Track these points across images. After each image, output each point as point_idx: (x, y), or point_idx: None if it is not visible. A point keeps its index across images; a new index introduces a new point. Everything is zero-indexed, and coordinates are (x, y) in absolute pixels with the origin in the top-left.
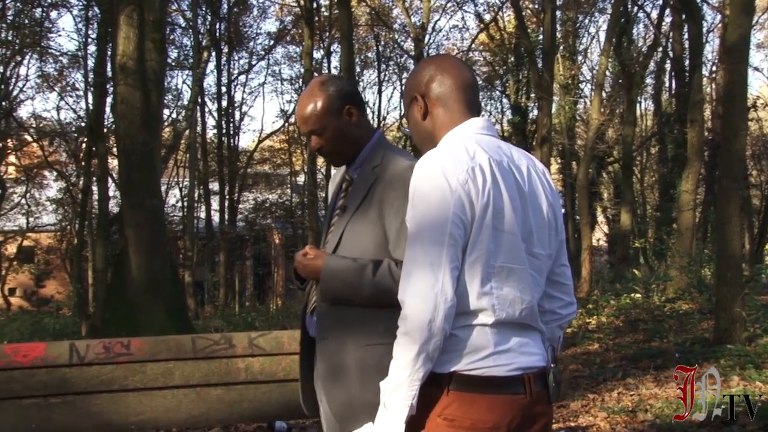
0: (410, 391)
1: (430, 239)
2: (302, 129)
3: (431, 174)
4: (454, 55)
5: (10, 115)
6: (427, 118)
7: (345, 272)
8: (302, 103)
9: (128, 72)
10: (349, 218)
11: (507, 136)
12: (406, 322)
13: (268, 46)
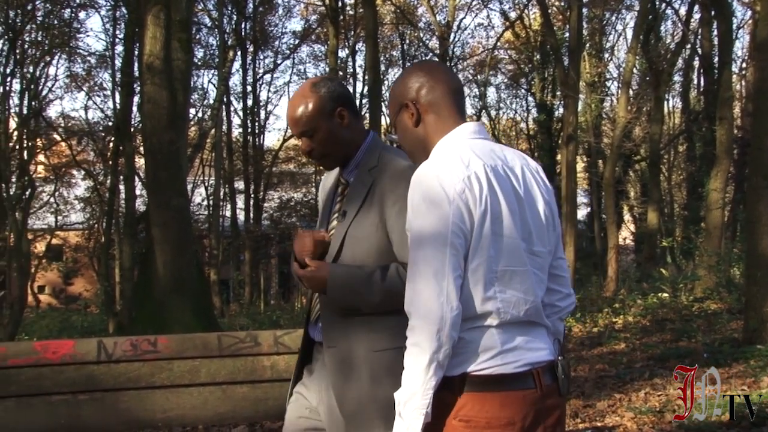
0: (424, 400)
1: (432, 250)
2: (293, 131)
3: (428, 185)
4: (440, 62)
5: (40, 115)
6: (420, 125)
7: (352, 281)
8: (293, 104)
9: (155, 71)
10: (349, 223)
11: (532, 134)
12: (414, 333)
13: (294, 45)
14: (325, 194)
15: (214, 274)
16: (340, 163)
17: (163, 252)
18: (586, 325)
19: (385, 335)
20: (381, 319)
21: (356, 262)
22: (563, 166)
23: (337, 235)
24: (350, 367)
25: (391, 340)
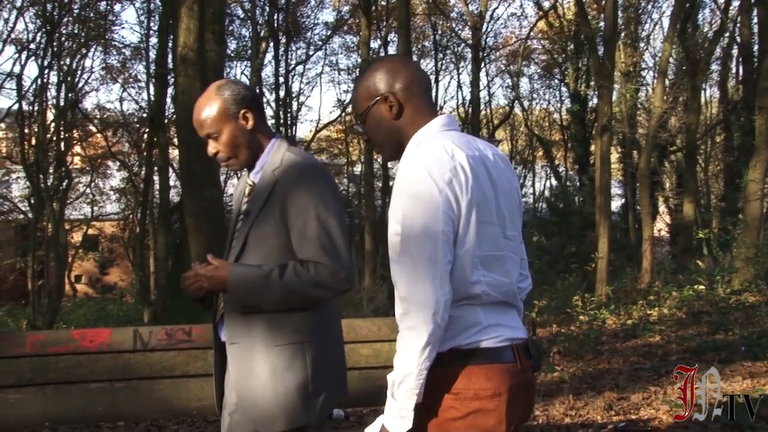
0: (418, 381)
1: (425, 237)
2: (199, 133)
3: (418, 176)
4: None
5: (76, 107)
6: (400, 117)
7: (251, 280)
8: (198, 106)
9: (189, 63)
10: (252, 222)
11: (566, 125)
12: (410, 317)
13: (326, 36)
14: (235, 193)
15: None
16: (247, 165)
17: (196, 242)
18: (620, 317)
19: (284, 331)
20: (280, 315)
21: (259, 260)
22: (597, 157)
23: (240, 234)
24: (251, 362)
25: (290, 336)
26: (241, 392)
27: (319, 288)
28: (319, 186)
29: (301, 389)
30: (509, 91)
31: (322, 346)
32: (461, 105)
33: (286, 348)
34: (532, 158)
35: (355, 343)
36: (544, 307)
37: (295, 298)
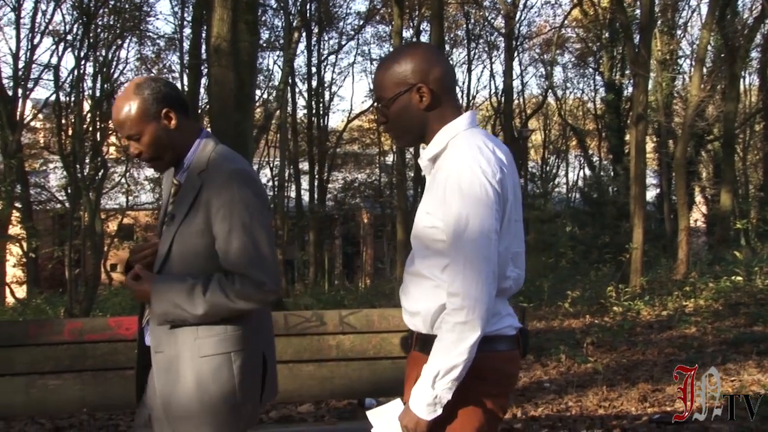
0: (463, 372)
1: (481, 237)
2: (120, 134)
3: (473, 174)
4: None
5: (112, 97)
6: (432, 109)
7: (174, 294)
8: (117, 107)
9: (222, 53)
10: (177, 227)
11: (600, 114)
12: (465, 313)
13: (358, 26)
14: (164, 195)
15: (280, 254)
16: (172, 164)
17: None
18: (655, 308)
19: (210, 341)
20: (206, 326)
21: (184, 266)
22: (632, 147)
23: (166, 238)
24: (177, 371)
25: (216, 347)
26: (166, 402)
27: (245, 300)
28: (244, 193)
29: (228, 399)
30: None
31: (250, 355)
32: (494, 95)
33: (212, 359)
34: (565, 148)
35: (387, 332)
36: (577, 297)
37: (219, 312)
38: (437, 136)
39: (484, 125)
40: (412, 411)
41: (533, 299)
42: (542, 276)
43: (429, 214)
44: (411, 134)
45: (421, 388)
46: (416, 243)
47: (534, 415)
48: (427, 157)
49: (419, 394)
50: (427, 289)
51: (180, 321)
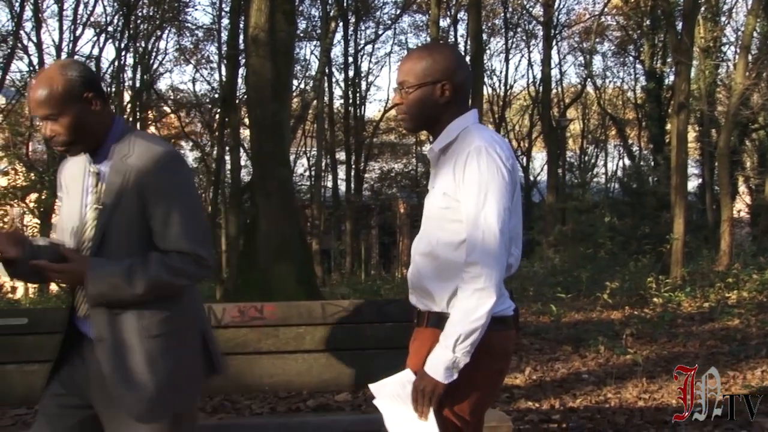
0: (480, 335)
1: (497, 212)
2: (36, 113)
3: (490, 157)
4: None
5: (151, 88)
6: (448, 105)
7: (112, 275)
8: (37, 85)
9: (260, 44)
10: (110, 213)
11: (640, 103)
12: (482, 280)
13: (395, 16)
14: (71, 181)
15: (316, 243)
16: (88, 150)
17: (267, 221)
18: (696, 300)
19: (156, 322)
20: (148, 307)
21: (120, 252)
22: (673, 136)
23: (99, 226)
24: (123, 356)
25: (162, 326)
26: (118, 387)
27: (183, 277)
28: (176, 174)
29: (177, 376)
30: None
31: (193, 332)
32: (531, 84)
33: (159, 339)
34: (604, 137)
35: None
36: (616, 288)
37: (159, 290)
38: (449, 127)
39: (521, 115)
40: (430, 374)
41: (571, 290)
42: (580, 267)
43: (446, 195)
44: (421, 121)
45: (440, 353)
46: (430, 224)
47: (572, 407)
48: (438, 147)
49: (438, 357)
50: (442, 269)
51: (116, 301)
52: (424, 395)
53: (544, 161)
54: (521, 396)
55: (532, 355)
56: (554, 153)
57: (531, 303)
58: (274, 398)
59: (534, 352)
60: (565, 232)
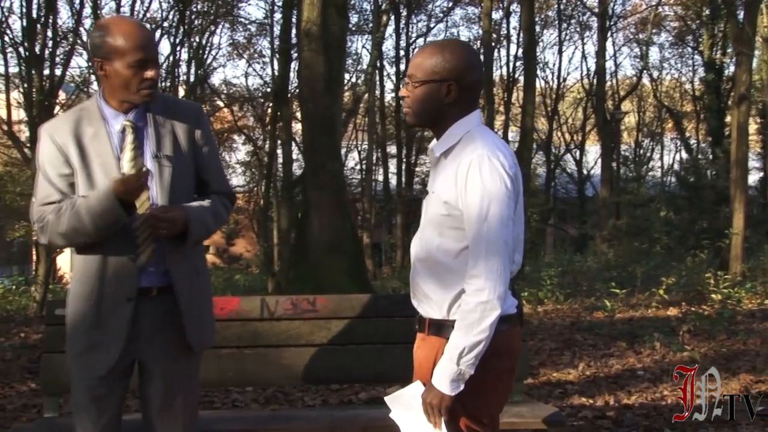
0: (484, 348)
1: (500, 222)
2: (146, 54)
3: (492, 166)
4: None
5: (205, 82)
6: (453, 105)
7: (204, 218)
8: (150, 34)
9: (312, 38)
10: (172, 164)
11: (699, 95)
12: (486, 293)
13: (447, 8)
14: (91, 147)
15: (367, 237)
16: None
17: (318, 215)
18: (757, 296)
19: (201, 261)
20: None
21: (183, 198)
22: (733, 128)
23: (166, 176)
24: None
25: (203, 265)
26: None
27: (229, 214)
28: (208, 124)
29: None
30: (637, 60)
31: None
32: (585, 76)
33: (203, 276)
34: (660, 130)
35: None
36: (672, 284)
37: (221, 226)
38: (451, 130)
39: (575, 108)
40: (437, 388)
41: (625, 285)
42: (635, 262)
43: (447, 203)
44: (424, 118)
45: (445, 366)
46: (430, 230)
47: (627, 404)
48: (440, 150)
49: (444, 371)
50: (441, 275)
51: (200, 241)
52: (433, 408)
53: (598, 155)
54: (574, 392)
55: (585, 351)
56: (608, 146)
57: (584, 298)
58: (326, 390)
59: (587, 348)
60: (620, 227)
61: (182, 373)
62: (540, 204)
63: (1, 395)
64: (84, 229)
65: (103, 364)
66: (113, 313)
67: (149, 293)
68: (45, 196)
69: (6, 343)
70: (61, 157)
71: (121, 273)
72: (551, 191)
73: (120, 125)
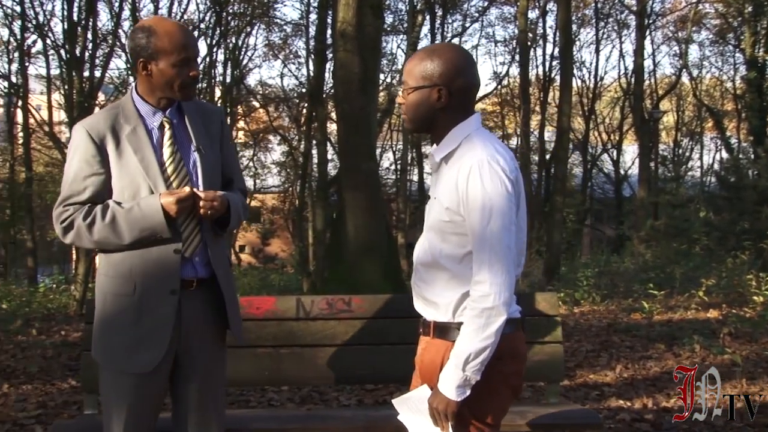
0: (490, 354)
1: (503, 227)
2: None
3: (493, 170)
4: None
5: (241, 83)
6: (446, 110)
7: (238, 204)
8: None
9: (347, 38)
10: (206, 157)
11: (740, 94)
12: (492, 298)
13: (482, 8)
14: (129, 141)
15: (402, 237)
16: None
17: (353, 215)
18: None
19: (227, 253)
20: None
21: (212, 188)
22: None
23: (207, 168)
24: (230, 283)
25: (227, 259)
26: (231, 312)
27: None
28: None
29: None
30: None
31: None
32: (623, 75)
33: (229, 269)
34: (700, 130)
35: None
36: (712, 286)
37: (245, 219)
38: (450, 135)
39: (612, 107)
40: (443, 393)
41: (663, 286)
42: (673, 263)
43: (449, 209)
44: (419, 123)
45: (451, 372)
46: (432, 236)
47: (666, 406)
48: (440, 156)
49: (449, 376)
50: (446, 279)
51: (235, 227)
52: (439, 413)
53: (636, 154)
54: (612, 394)
55: (622, 353)
56: (646, 146)
57: (621, 299)
58: (361, 390)
59: (625, 350)
60: (658, 227)
61: (218, 369)
62: (576, 204)
63: (42, 392)
64: (118, 239)
65: (150, 360)
66: (157, 307)
67: (190, 285)
68: (72, 194)
69: (47, 341)
70: (98, 155)
71: (164, 266)
72: (588, 191)
73: (158, 122)
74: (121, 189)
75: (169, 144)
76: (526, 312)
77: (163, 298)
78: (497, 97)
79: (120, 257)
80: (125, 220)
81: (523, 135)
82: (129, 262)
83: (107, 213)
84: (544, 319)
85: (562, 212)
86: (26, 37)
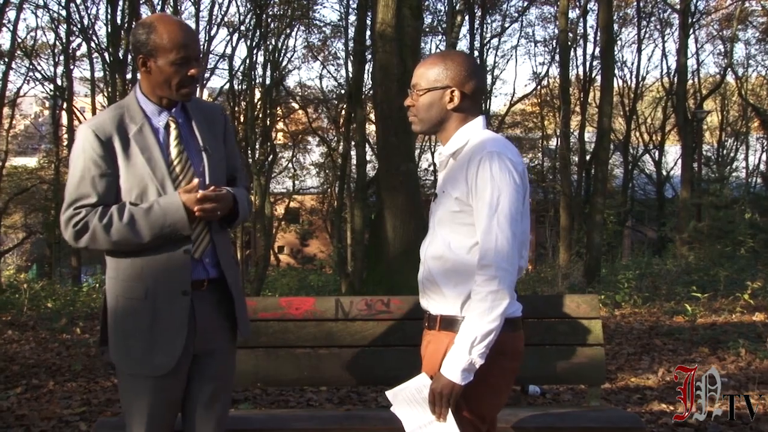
0: (496, 336)
1: (510, 215)
2: (191, 52)
3: (501, 162)
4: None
5: (281, 85)
6: (456, 111)
7: (244, 200)
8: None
9: (387, 39)
10: (211, 156)
11: None
12: (497, 282)
13: (522, 8)
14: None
15: None
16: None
17: (392, 216)
18: None
19: (232, 250)
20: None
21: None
22: None
23: (214, 167)
24: (237, 279)
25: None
26: (239, 310)
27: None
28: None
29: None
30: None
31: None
32: (665, 75)
33: (236, 265)
34: (745, 130)
35: (554, 318)
36: (758, 288)
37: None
38: (458, 133)
39: (654, 107)
40: (446, 377)
41: (707, 289)
42: (717, 265)
43: (458, 200)
44: (429, 125)
45: (457, 355)
46: (442, 228)
47: (709, 410)
48: (448, 152)
49: (455, 360)
50: (456, 271)
51: (241, 222)
52: (441, 397)
53: (678, 155)
54: (654, 398)
55: (665, 356)
56: (689, 146)
57: (663, 302)
58: None
59: (667, 353)
60: (701, 229)
61: (230, 370)
62: (617, 205)
63: (86, 390)
64: (138, 239)
65: (166, 363)
66: (170, 309)
67: (201, 286)
68: (81, 196)
69: (91, 339)
70: (106, 155)
71: (174, 267)
72: (629, 192)
73: (164, 121)
74: (129, 189)
75: (176, 144)
76: (565, 314)
77: (175, 300)
78: (537, 98)
79: (129, 260)
80: (145, 219)
81: (563, 136)
82: (139, 264)
83: (125, 213)
84: (584, 322)
85: (603, 214)
86: (71, 41)
